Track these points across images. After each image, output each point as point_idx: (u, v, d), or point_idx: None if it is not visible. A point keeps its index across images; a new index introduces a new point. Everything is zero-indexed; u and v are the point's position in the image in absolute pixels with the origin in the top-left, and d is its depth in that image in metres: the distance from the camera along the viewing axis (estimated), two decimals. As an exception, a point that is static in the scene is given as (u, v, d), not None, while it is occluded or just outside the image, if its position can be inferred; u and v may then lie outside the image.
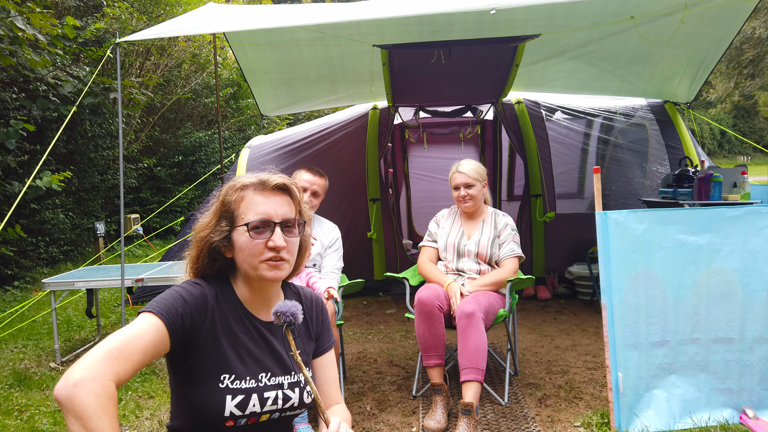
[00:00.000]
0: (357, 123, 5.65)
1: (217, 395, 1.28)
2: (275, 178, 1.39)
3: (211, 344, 1.30)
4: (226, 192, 1.37)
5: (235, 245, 1.35)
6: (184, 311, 1.27)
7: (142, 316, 1.23)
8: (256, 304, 1.41)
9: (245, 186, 1.37)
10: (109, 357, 1.13)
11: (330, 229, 3.24)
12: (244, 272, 1.37)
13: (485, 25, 3.97)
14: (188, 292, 1.31)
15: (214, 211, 1.37)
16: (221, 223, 1.36)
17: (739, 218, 2.63)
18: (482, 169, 3.25)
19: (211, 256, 1.37)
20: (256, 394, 1.33)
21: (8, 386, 3.47)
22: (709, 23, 4.09)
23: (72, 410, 1.05)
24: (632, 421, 2.55)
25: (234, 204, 1.36)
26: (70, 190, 7.74)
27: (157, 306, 1.25)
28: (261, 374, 1.35)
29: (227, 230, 1.35)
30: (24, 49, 5.57)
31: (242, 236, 1.34)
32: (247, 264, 1.35)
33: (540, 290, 5.38)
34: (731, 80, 18.48)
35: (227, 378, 1.30)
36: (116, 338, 1.17)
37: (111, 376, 1.11)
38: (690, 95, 5.31)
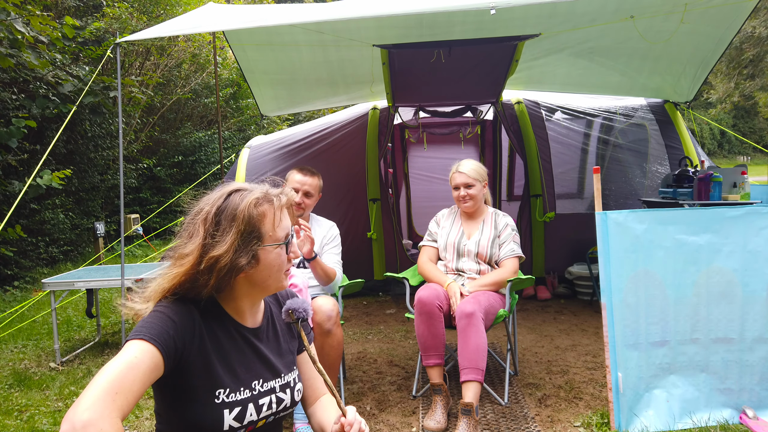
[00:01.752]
0: (357, 123, 5.64)
1: (215, 411, 1.28)
2: (292, 195, 1.40)
3: (203, 362, 1.29)
4: (249, 212, 1.30)
5: (262, 263, 1.32)
6: (175, 334, 1.24)
7: (133, 344, 1.19)
8: (246, 313, 1.40)
9: (260, 201, 1.33)
10: (111, 392, 1.10)
11: (328, 226, 3.24)
12: (264, 286, 1.36)
13: (485, 25, 3.97)
14: (175, 312, 1.27)
15: (236, 232, 1.29)
16: (249, 243, 1.30)
17: (739, 218, 2.63)
18: (482, 169, 3.25)
19: (226, 279, 1.30)
20: (252, 403, 1.34)
21: (8, 386, 3.47)
22: (709, 22, 4.09)
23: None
24: (632, 421, 2.55)
25: (258, 222, 1.31)
26: (70, 190, 7.74)
27: (148, 332, 1.20)
28: (254, 382, 1.36)
29: (256, 249, 1.31)
30: (24, 51, 5.57)
31: (272, 254, 1.33)
32: (274, 278, 1.35)
33: (540, 290, 5.38)
34: (731, 80, 18.47)
35: (222, 393, 1.30)
36: (113, 371, 1.13)
37: (116, 412, 1.09)
38: (690, 94, 5.31)
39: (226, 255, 1.27)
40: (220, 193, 1.35)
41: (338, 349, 2.81)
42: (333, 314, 2.78)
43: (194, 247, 1.30)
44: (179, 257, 1.32)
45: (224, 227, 1.29)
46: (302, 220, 2.91)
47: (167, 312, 1.26)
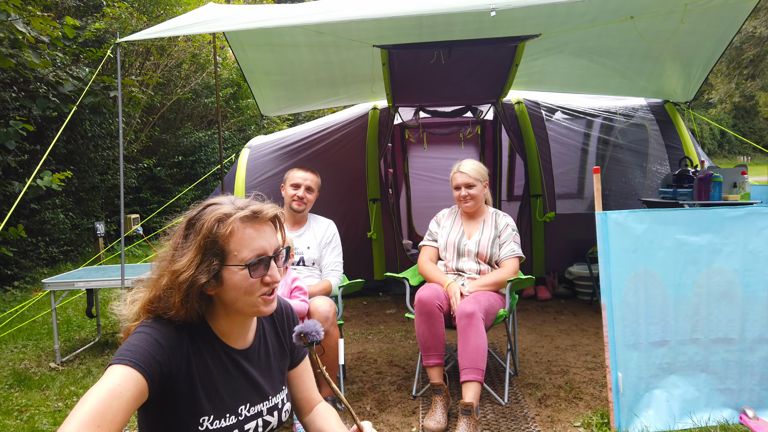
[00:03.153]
0: (357, 123, 5.64)
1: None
2: (268, 210, 1.28)
3: (188, 388, 1.22)
4: (211, 226, 1.21)
5: (226, 284, 1.23)
6: (161, 358, 1.17)
7: (117, 370, 1.11)
8: (235, 334, 1.34)
9: (229, 216, 1.23)
10: (93, 424, 1.03)
11: (326, 225, 3.25)
12: (234, 308, 1.27)
13: (485, 25, 3.97)
14: (163, 335, 1.19)
15: (196, 247, 1.21)
16: (210, 261, 1.21)
17: (739, 218, 2.63)
18: (483, 169, 3.25)
19: (200, 298, 1.23)
20: (238, 429, 1.29)
21: (8, 386, 3.47)
22: (709, 22, 4.09)
23: None
24: (632, 421, 2.55)
25: (222, 239, 1.22)
26: (70, 190, 7.74)
27: (133, 356, 1.13)
28: (240, 407, 1.31)
29: (217, 268, 1.22)
30: (24, 51, 5.57)
31: (237, 275, 1.23)
32: (243, 302, 1.26)
33: (540, 290, 5.38)
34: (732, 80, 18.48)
35: (207, 420, 1.24)
36: (95, 400, 1.06)
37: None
38: (690, 94, 5.31)
39: (187, 268, 1.19)
40: (201, 204, 1.29)
41: (335, 349, 2.83)
42: (330, 315, 2.80)
43: (164, 255, 1.26)
44: (154, 267, 1.29)
45: (189, 240, 1.23)
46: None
47: (154, 334, 1.19)
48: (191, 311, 1.22)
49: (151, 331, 1.19)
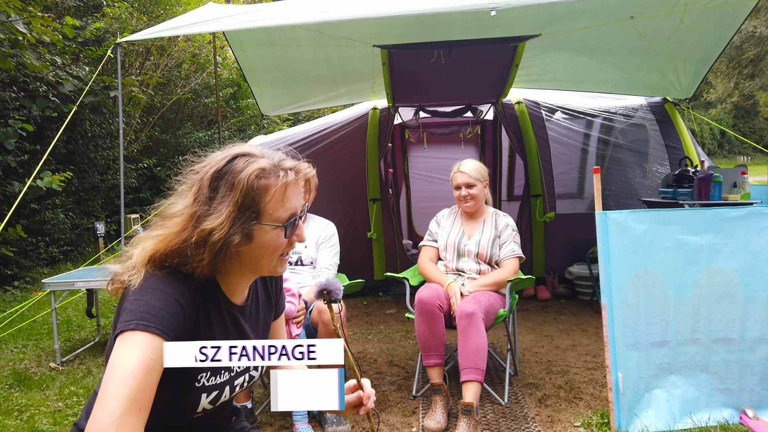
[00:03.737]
0: (357, 123, 5.64)
1: (193, 394, 1.21)
2: (306, 170, 1.24)
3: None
4: (251, 183, 1.14)
5: (255, 242, 1.17)
6: (184, 323, 1.13)
7: (146, 340, 1.04)
8: (239, 291, 1.30)
9: (270, 174, 1.16)
10: (135, 409, 0.99)
11: (324, 225, 3.25)
12: (253, 266, 1.23)
13: (485, 23, 3.96)
14: (182, 294, 1.13)
15: (233, 205, 1.13)
16: (245, 220, 1.14)
17: (740, 219, 2.63)
18: (484, 169, 3.25)
19: (220, 256, 1.15)
20: (229, 385, 1.29)
21: (8, 386, 3.47)
22: (709, 20, 4.09)
23: None
24: (632, 421, 2.54)
25: (259, 197, 1.15)
26: (70, 190, 7.74)
27: (159, 323, 1.07)
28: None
29: (251, 226, 1.15)
30: (24, 53, 5.57)
31: (268, 234, 1.17)
32: (266, 261, 1.21)
33: (540, 290, 5.38)
34: (731, 80, 18.48)
35: (204, 377, 1.22)
36: (134, 379, 1.00)
37: (140, 427, 1.00)
38: (690, 91, 5.31)
39: (221, 228, 1.12)
40: (223, 155, 1.20)
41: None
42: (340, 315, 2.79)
43: (182, 208, 1.17)
44: (166, 217, 1.18)
45: (221, 195, 1.14)
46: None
47: (176, 295, 1.12)
48: (215, 269, 1.17)
49: (171, 291, 1.12)
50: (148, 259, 1.16)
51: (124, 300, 1.13)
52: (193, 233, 1.13)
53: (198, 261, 1.13)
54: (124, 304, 1.12)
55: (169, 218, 1.18)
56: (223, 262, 1.17)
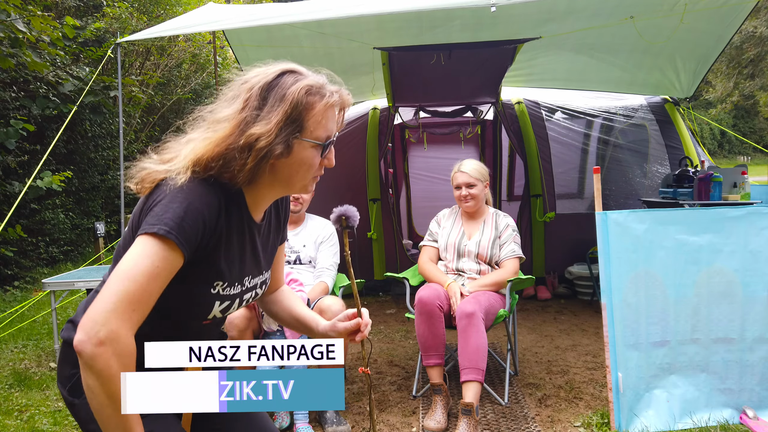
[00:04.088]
0: (357, 123, 5.64)
1: (208, 300, 1.25)
2: (346, 97, 1.30)
3: (213, 254, 1.21)
4: (300, 98, 1.18)
5: (293, 157, 1.21)
6: (203, 235, 1.15)
7: (159, 246, 1.08)
8: (261, 208, 1.33)
9: (317, 92, 1.22)
10: (129, 309, 1.05)
11: (323, 225, 3.26)
12: (285, 182, 1.26)
13: (485, 21, 3.96)
14: (208, 206, 1.16)
15: (282, 114, 1.17)
16: (290, 132, 1.18)
17: (740, 218, 2.63)
18: (484, 169, 3.25)
19: (261, 164, 1.18)
20: (239, 298, 1.33)
21: (8, 386, 3.47)
22: (709, 20, 4.09)
23: (93, 368, 1.02)
24: (632, 421, 2.54)
25: (305, 112, 1.20)
26: (70, 190, 7.74)
27: (179, 233, 1.10)
28: (246, 278, 1.33)
29: (294, 140, 1.19)
30: (24, 52, 5.58)
31: (307, 151, 1.22)
32: (299, 178, 1.25)
33: (540, 290, 5.38)
34: (731, 80, 18.48)
35: (219, 285, 1.25)
36: (134, 282, 1.06)
37: (132, 328, 1.06)
38: (690, 90, 5.31)
39: (268, 135, 1.15)
40: (273, 69, 1.24)
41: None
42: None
43: (233, 113, 1.19)
44: (214, 122, 1.20)
45: (271, 105, 1.18)
46: None
47: (202, 208, 1.14)
48: (252, 178, 1.20)
49: (199, 205, 1.14)
50: (194, 162, 1.18)
51: (154, 200, 1.16)
52: (241, 137, 1.16)
53: (240, 166, 1.16)
54: (153, 205, 1.15)
55: (217, 122, 1.20)
56: (261, 172, 1.20)
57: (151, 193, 1.19)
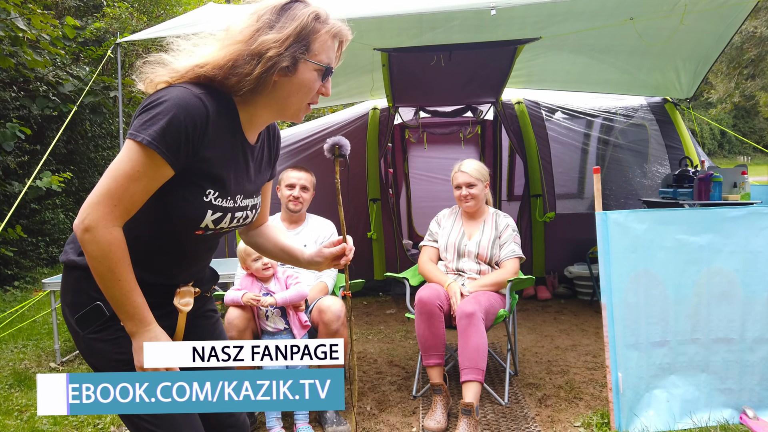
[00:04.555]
0: (357, 123, 5.64)
1: (201, 208, 1.29)
2: (346, 32, 1.38)
3: (206, 162, 1.27)
4: (309, 20, 1.27)
5: (296, 76, 1.27)
6: (186, 142, 1.20)
7: (142, 153, 1.16)
8: (255, 129, 1.39)
9: (325, 20, 1.30)
10: (110, 203, 1.17)
11: (324, 225, 3.27)
12: (282, 103, 1.32)
13: (485, 23, 3.96)
14: (193, 118, 1.20)
15: (292, 30, 1.24)
16: (297, 49, 1.25)
17: (740, 219, 2.63)
18: (484, 169, 3.25)
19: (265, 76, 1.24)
20: (230, 213, 1.36)
21: (8, 386, 3.47)
22: (709, 20, 4.09)
23: (85, 248, 1.18)
24: (632, 421, 2.55)
25: (312, 35, 1.27)
26: (70, 190, 7.74)
27: (161, 144, 1.16)
28: (238, 196, 1.37)
29: (299, 58, 1.26)
30: (24, 50, 5.58)
31: (309, 72, 1.28)
32: (296, 99, 1.31)
33: (540, 290, 5.38)
34: (732, 80, 18.47)
35: (212, 194, 1.30)
36: (117, 179, 1.17)
37: (113, 221, 1.17)
38: (690, 91, 5.31)
39: (279, 46, 1.22)
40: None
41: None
42: (341, 315, 2.81)
43: (248, 24, 1.26)
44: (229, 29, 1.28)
45: (283, 22, 1.25)
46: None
47: (183, 118, 1.19)
48: (255, 88, 1.26)
49: (181, 114, 1.19)
50: (199, 66, 1.25)
51: (147, 104, 1.21)
52: (253, 44, 1.23)
53: (247, 73, 1.23)
54: (144, 109, 1.21)
55: (232, 29, 1.27)
56: (264, 85, 1.26)
57: (148, 96, 1.25)
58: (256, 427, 2.81)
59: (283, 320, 2.74)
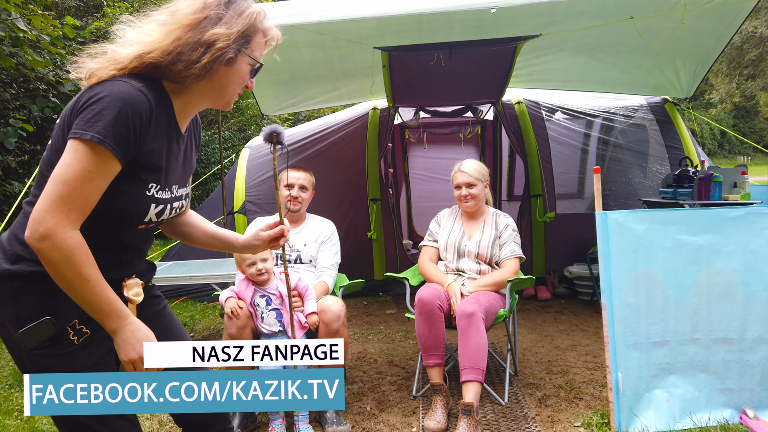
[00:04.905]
0: (357, 123, 5.64)
1: (144, 202, 1.30)
2: (278, 37, 1.46)
3: (149, 155, 1.27)
4: (256, 18, 1.35)
5: (233, 69, 1.34)
6: (134, 137, 1.21)
7: (92, 152, 1.15)
8: (186, 117, 1.42)
9: (261, 19, 1.38)
10: (65, 208, 1.15)
11: (324, 224, 3.27)
12: (217, 93, 1.38)
13: (485, 23, 3.96)
14: (135, 108, 1.20)
15: (241, 25, 1.32)
16: (241, 44, 1.32)
17: (740, 219, 2.63)
18: (484, 169, 3.25)
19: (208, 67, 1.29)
20: (170, 204, 1.39)
21: (8, 386, 3.47)
22: (708, 20, 4.09)
23: (44, 259, 1.16)
24: (632, 421, 2.55)
25: (253, 32, 1.35)
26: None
27: (110, 141, 1.16)
28: (174, 186, 1.40)
29: (240, 52, 1.33)
30: (25, 50, 5.58)
31: (244, 66, 1.36)
32: (229, 91, 1.38)
33: (540, 290, 5.38)
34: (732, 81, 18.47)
35: (154, 187, 1.31)
36: (69, 183, 1.15)
37: (70, 225, 1.16)
38: (690, 90, 5.30)
39: (227, 39, 1.28)
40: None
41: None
42: (341, 315, 2.82)
43: (195, 11, 1.28)
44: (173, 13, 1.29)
45: (231, 16, 1.31)
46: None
47: (130, 111, 1.19)
48: (199, 75, 1.29)
49: (127, 107, 1.19)
50: (141, 55, 1.25)
51: (87, 100, 1.20)
52: (202, 34, 1.27)
53: (193, 61, 1.26)
54: (84, 106, 1.19)
55: (177, 14, 1.28)
56: (209, 73, 1.31)
57: (84, 92, 1.23)
58: (256, 426, 2.81)
59: (279, 322, 2.74)
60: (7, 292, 1.24)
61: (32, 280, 1.22)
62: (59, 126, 1.25)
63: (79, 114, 1.18)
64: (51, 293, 1.21)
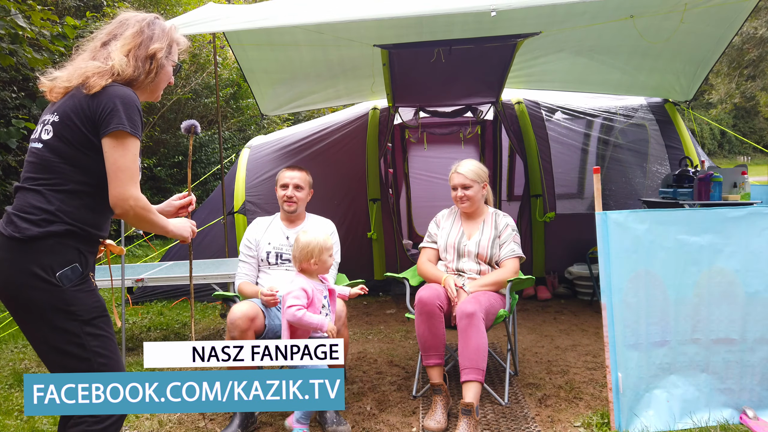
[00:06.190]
0: (357, 123, 5.64)
1: None
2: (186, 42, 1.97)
3: None
4: (173, 35, 1.89)
5: (165, 71, 1.85)
6: (141, 124, 1.72)
7: (133, 140, 1.67)
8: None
9: (175, 32, 1.90)
10: (133, 181, 1.67)
11: (324, 223, 3.26)
12: (155, 91, 1.88)
13: (485, 25, 3.97)
14: (139, 105, 1.71)
15: (167, 41, 1.84)
16: (169, 54, 1.86)
17: (741, 219, 2.63)
18: (482, 170, 3.24)
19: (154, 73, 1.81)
20: None
21: (8, 386, 3.47)
22: (708, 21, 4.09)
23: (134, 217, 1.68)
24: (632, 421, 2.55)
25: (173, 43, 1.89)
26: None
27: (138, 130, 1.68)
28: None
29: (170, 57, 1.87)
30: (24, 48, 5.57)
31: (170, 68, 1.88)
32: (162, 86, 1.88)
33: (540, 290, 5.38)
34: (732, 81, 18.48)
35: None
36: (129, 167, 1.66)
37: (138, 188, 1.68)
38: (690, 93, 5.31)
39: (161, 50, 1.81)
40: (146, 14, 1.88)
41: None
42: (342, 315, 2.82)
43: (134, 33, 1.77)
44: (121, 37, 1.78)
45: (160, 34, 1.83)
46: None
47: (139, 106, 1.71)
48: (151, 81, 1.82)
49: (138, 104, 1.71)
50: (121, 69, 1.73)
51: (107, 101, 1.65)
52: (146, 50, 1.79)
53: (148, 70, 1.80)
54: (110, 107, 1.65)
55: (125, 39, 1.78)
56: (154, 77, 1.82)
57: (98, 94, 1.67)
58: (256, 427, 2.81)
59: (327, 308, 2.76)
60: (44, 247, 1.62)
61: (65, 236, 1.64)
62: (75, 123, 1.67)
63: (111, 111, 1.64)
64: (75, 248, 1.66)
